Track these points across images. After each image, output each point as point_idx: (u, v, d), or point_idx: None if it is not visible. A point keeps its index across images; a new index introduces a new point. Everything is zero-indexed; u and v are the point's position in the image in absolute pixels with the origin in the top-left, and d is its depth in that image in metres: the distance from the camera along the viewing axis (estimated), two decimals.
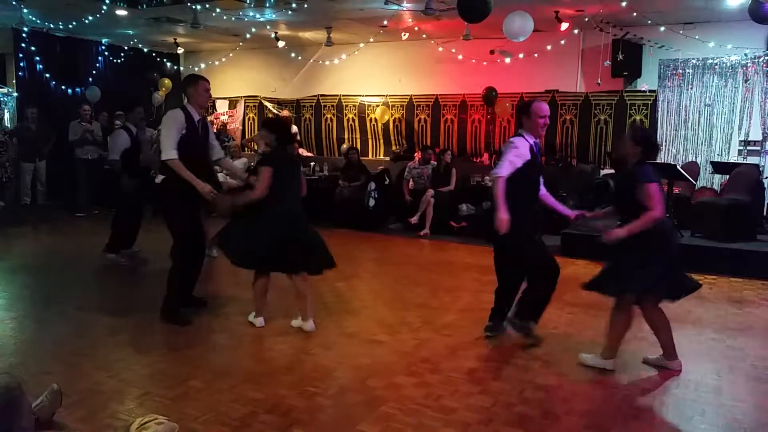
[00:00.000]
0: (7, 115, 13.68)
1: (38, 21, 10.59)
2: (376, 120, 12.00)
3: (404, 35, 10.53)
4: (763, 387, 3.95)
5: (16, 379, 1.61)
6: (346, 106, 12.36)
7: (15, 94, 12.17)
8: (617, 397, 3.72)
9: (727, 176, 8.55)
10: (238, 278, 5.62)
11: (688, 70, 9.63)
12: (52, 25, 11.00)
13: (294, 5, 8.80)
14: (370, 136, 12.25)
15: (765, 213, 8.48)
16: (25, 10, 9.70)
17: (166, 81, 12.89)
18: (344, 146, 11.91)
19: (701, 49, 9.21)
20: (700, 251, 7.23)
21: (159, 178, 4.92)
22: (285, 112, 12.25)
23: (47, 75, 11.64)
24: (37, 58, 11.47)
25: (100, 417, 3.31)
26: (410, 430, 3.24)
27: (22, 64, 11.36)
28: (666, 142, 9.88)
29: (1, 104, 13.91)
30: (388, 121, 11.83)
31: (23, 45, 11.25)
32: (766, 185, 8.59)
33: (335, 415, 3.40)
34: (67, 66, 11.92)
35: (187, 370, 3.98)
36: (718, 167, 8.88)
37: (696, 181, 8.84)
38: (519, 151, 4.39)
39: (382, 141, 12.17)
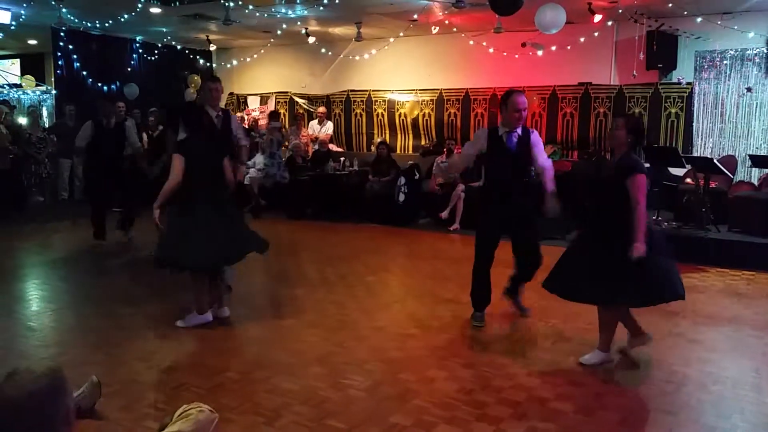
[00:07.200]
0: (45, 113, 14.03)
1: (76, 20, 10.83)
2: (405, 115, 11.99)
3: (434, 29, 10.48)
4: None
5: (57, 364, 1.70)
6: (376, 101, 12.37)
7: (54, 92, 12.48)
8: (653, 393, 3.67)
9: (766, 170, 8.34)
10: (270, 274, 5.68)
11: (725, 62, 9.42)
12: (89, 24, 11.24)
13: (325, 0, 8.83)
14: (399, 131, 12.24)
15: None
16: (63, 10, 9.95)
17: (196, 78, 13.13)
18: (377, 140, 11.90)
19: (739, 39, 8.98)
20: (737, 246, 7.11)
21: None
22: (321, 109, 12.29)
23: (84, 73, 11.92)
24: (75, 57, 11.75)
25: (138, 406, 3.40)
26: (443, 423, 3.25)
27: (60, 63, 11.67)
28: (702, 135, 9.68)
29: (40, 102, 14.28)
30: (417, 115, 11.81)
31: (61, 44, 11.54)
32: None
33: (368, 407, 3.43)
34: (103, 64, 12.19)
35: (222, 362, 4.05)
36: (757, 161, 8.66)
37: (733, 175, 8.63)
38: (472, 142, 5.07)
39: (411, 136, 12.16)
